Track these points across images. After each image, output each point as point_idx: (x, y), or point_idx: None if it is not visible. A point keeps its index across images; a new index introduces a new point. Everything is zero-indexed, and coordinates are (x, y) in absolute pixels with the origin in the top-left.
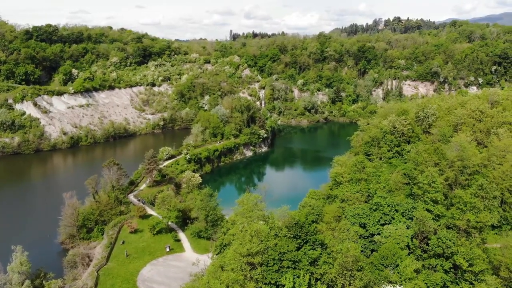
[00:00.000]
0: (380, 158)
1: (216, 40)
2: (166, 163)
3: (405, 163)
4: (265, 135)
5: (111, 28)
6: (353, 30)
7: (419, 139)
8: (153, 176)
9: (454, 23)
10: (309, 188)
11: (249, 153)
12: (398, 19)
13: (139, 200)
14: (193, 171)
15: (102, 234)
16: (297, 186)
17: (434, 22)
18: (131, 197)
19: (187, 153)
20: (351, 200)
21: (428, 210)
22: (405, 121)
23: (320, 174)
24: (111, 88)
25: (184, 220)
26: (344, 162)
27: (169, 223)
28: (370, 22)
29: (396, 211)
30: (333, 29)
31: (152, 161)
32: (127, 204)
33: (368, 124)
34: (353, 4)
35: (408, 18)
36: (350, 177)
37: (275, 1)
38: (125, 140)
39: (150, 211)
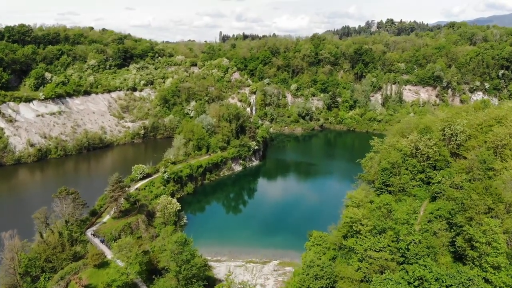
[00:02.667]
0: (402, 190)
1: (205, 42)
2: (139, 184)
3: (434, 197)
4: (256, 147)
5: (92, 28)
6: (346, 32)
7: (448, 164)
8: (120, 205)
9: (452, 24)
10: (307, 212)
11: (238, 168)
12: (391, 21)
13: (94, 236)
14: (172, 193)
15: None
16: (294, 208)
17: (427, 24)
18: (89, 233)
19: (165, 172)
20: (375, 260)
21: (486, 280)
22: (431, 142)
23: (319, 191)
24: (87, 93)
25: (150, 272)
26: (361, 200)
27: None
28: (361, 24)
29: (447, 287)
30: (324, 31)
31: (117, 187)
32: (84, 243)
33: (380, 140)
34: (343, 7)
35: (401, 20)
36: (372, 224)
37: (265, 4)
38: (101, 151)
39: (110, 254)
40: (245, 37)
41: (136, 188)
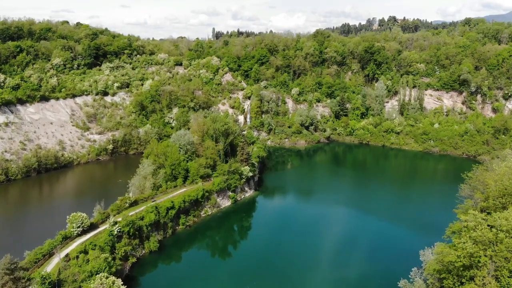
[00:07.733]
0: None
1: (197, 38)
2: (75, 245)
3: None
4: (251, 174)
5: (67, 22)
6: (345, 30)
7: None
8: None
9: (468, 21)
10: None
11: (226, 203)
12: (393, 19)
13: None
14: (125, 255)
15: None
16: (309, 279)
17: (431, 22)
18: None
19: (115, 224)
20: None
21: None
22: None
23: (342, 243)
24: (45, 99)
25: None
26: None
27: None
28: (361, 23)
29: None
30: (322, 29)
31: (8, 281)
32: None
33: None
34: (339, 6)
35: (404, 17)
36: None
37: (261, 2)
38: (55, 174)
39: None
40: (240, 33)
41: (66, 256)
